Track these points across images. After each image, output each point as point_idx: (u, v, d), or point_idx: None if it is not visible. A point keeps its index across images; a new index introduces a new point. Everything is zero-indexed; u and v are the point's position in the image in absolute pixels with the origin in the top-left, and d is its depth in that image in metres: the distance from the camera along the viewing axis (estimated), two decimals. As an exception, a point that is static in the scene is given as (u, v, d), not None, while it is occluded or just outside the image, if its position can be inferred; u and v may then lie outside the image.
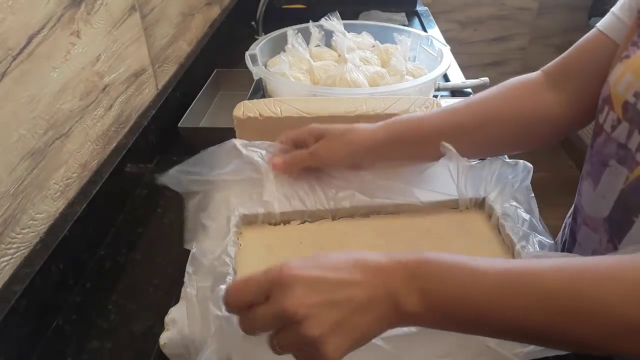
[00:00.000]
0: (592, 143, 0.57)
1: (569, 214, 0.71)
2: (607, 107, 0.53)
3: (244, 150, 0.62)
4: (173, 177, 0.58)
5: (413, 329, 0.44)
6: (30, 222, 0.56)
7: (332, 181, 0.64)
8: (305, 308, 0.35)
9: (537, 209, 0.59)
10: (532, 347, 0.44)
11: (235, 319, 0.40)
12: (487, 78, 1.07)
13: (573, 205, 0.68)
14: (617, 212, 0.53)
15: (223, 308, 0.42)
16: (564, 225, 0.73)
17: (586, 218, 0.59)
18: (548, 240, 0.55)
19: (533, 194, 0.61)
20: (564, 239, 0.69)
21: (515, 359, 0.44)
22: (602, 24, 0.58)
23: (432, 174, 0.67)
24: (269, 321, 0.37)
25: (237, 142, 0.62)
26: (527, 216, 0.58)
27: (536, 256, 0.50)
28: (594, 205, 0.56)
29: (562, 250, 0.69)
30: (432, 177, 0.66)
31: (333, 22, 0.99)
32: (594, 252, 0.58)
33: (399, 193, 0.65)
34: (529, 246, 0.53)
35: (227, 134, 0.65)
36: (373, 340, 0.41)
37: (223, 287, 0.45)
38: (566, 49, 0.63)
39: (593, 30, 0.59)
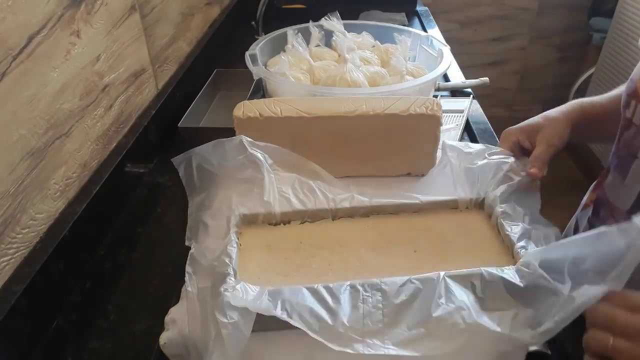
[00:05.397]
0: (619, 137, 0.59)
1: (579, 210, 0.72)
2: (633, 101, 0.55)
3: (249, 149, 0.63)
4: (187, 160, 0.62)
5: (422, 329, 0.44)
6: (30, 222, 0.56)
7: (332, 189, 0.64)
8: None
9: (540, 200, 0.60)
10: (545, 326, 0.44)
11: (240, 324, 0.41)
12: (487, 78, 1.07)
13: (589, 201, 0.69)
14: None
15: (227, 314, 0.42)
16: (574, 220, 0.74)
17: (613, 210, 0.60)
18: (553, 231, 0.55)
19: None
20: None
21: (532, 340, 0.44)
22: None
23: (431, 180, 0.67)
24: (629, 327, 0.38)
25: (244, 139, 0.63)
26: (527, 210, 0.58)
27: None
28: (621, 197, 0.58)
29: None
30: (431, 183, 0.67)
31: (333, 22, 0.99)
32: None
33: (399, 194, 0.65)
34: (530, 244, 0.53)
35: (227, 134, 0.65)
36: (382, 350, 0.42)
37: (226, 290, 0.45)
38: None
39: None
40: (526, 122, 0.67)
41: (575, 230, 0.72)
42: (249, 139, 0.64)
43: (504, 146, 0.66)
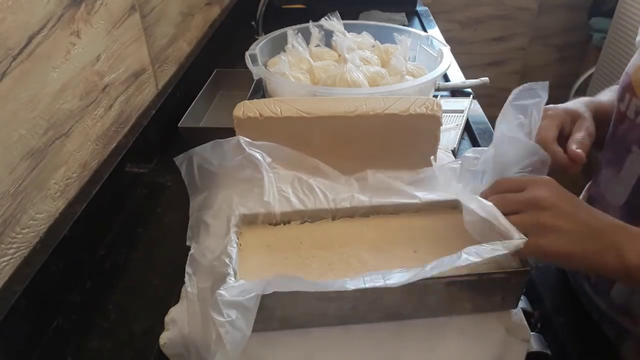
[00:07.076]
0: (613, 131, 0.59)
1: None
2: (628, 95, 0.55)
3: (247, 149, 0.63)
4: (188, 159, 0.61)
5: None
6: (30, 222, 0.56)
7: (333, 185, 0.64)
8: (551, 200, 0.47)
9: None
10: None
11: (239, 322, 0.41)
12: (487, 78, 1.07)
13: (584, 196, 0.68)
14: (634, 198, 0.54)
15: (224, 312, 0.42)
16: None
17: (607, 206, 0.59)
18: None
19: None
20: None
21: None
22: None
23: (431, 178, 0.67)
24: (518, 202, 0.49)
25: (242, 139, 0.63)
26: None
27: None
28: (615, 192, 0.58)
29: None
30: (431, 181, 0.67)
31: (333, 22, 0.99)
32: None
33: (399, 194, 0.65)
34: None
35: (227, 134, 0.65)
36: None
37: (222, 292, 0.45)
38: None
39: None
40: (567, 105, 0.62)
41: None
42: (247, 139, 0.64)
43: (552, 125, 0.59)
